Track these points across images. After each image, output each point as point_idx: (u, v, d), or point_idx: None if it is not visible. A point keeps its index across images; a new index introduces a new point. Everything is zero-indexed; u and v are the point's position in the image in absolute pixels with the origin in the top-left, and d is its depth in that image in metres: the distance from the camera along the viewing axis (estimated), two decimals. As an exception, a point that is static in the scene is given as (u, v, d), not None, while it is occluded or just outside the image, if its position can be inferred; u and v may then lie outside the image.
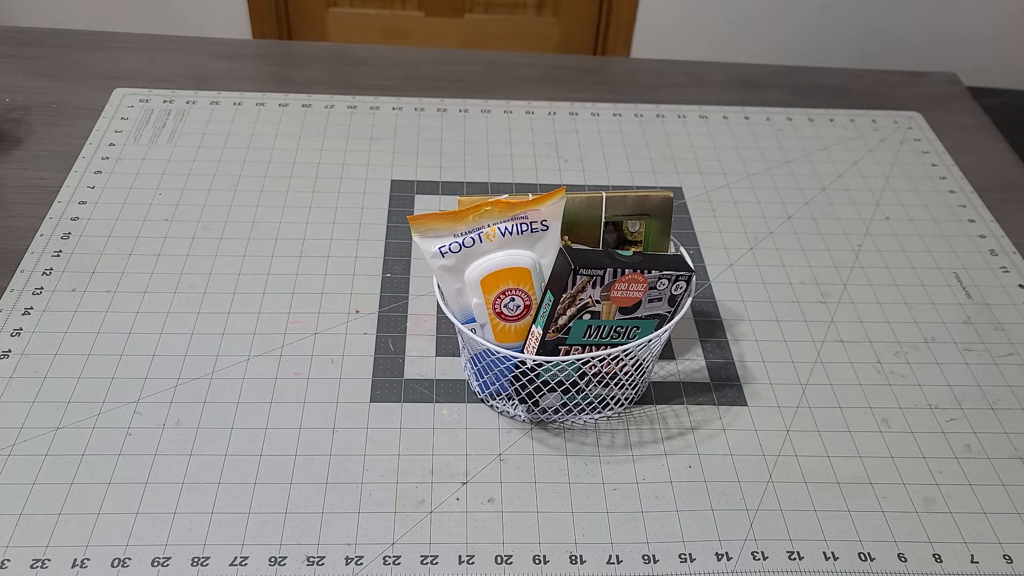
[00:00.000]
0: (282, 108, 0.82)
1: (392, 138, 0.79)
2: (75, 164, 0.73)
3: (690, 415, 0.57)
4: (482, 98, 0.85)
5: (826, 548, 0.50)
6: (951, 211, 0.76)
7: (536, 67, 0.92)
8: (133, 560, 0.47)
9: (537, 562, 0.48)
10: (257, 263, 0.65)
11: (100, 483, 0.50)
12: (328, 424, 0.55)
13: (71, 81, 0.83)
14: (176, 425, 0.54)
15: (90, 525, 0.48)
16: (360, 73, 0.88)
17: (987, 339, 0.64)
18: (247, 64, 0.89)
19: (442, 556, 0.48)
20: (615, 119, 0.84)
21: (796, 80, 0.92)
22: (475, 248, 0.51)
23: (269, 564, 0.47)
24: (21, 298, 0.61)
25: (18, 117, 0.78)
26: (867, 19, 1.88)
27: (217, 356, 0.58)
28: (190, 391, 0.56)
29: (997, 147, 0.85)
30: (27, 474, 0.51)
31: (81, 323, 0.60)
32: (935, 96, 0.91)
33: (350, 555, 0.48)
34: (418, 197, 0.73)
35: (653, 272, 0.49)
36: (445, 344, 0.60)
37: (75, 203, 0.70)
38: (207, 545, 0.48)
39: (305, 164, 0.75)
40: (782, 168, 0.80)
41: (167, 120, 0.79)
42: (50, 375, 0.56)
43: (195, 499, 0.50)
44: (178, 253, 0.66)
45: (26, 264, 0.64)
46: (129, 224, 0.68)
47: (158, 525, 0.49)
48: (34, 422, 0.53)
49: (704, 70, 0.93)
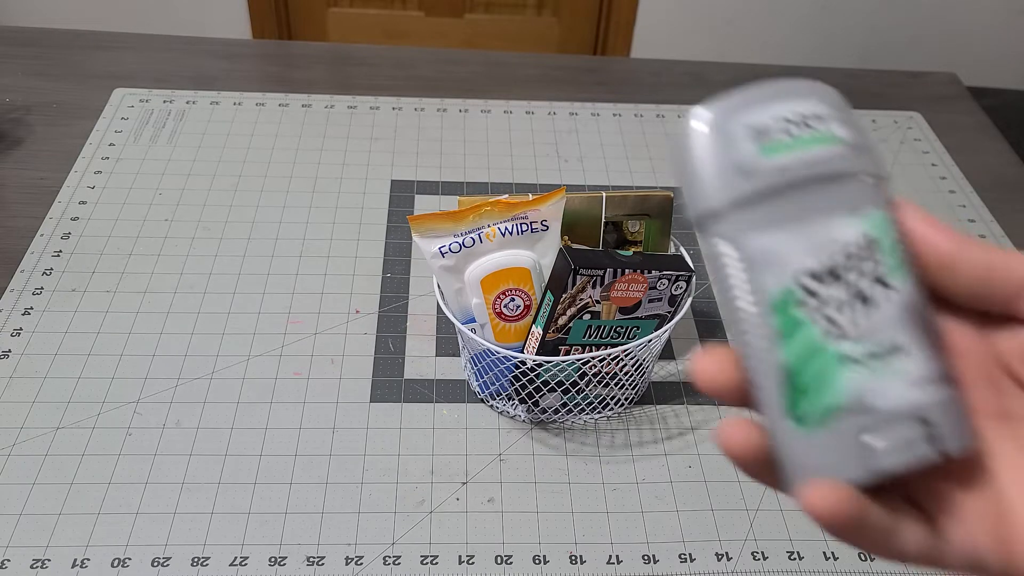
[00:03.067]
0: (282, 108, 0.82)
1: (392, 138, 0.79)
2: (75, 164, 0.73)
3: (690, 415, 0.57)
4: (482, 98, 0.85)
5: (826, 548, 0.50)
6: (951, 211, 0.76)
7: (536, 67, 0.92)
8: (133, 560, 0.47)
9: (537, 562, 0.48)
10: (257, 263, 0.65)
11: (100, 483, 0.50)
12: (328, 424, 0.55)
13: (71, 81, 0.83)
14: (176, 425, 0.54)
15: (90, 525, 0.48)
16: (360, 73, 0.88)
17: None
18: (247, 64, 0.89)
19: (442, 556, 0.48)
20: (615, 119, 0.84)
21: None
22: (475, 248, 0.51)
23: (269, 564, 0.47)
24: (21, 298, 0.61)
25: (18, 117, 0.78)
26: (867, 19, 1.88)
27: (217, 356, 0.58)
28: (190, 391, 0.56)
29: (997, 147, 0.85)
30: (27, 474, 0.51)
31: (81, 323, 0.60)
32: (935, 96, 0.91)
33: (350, 555, 0.48)
34: (418, 197, 0.73)
35: (653, 272, 0.49)
36: (445, 344, 0.60)
37: (75, 203, 0.70)
38: (207, 545, 0.48)
39: (305, 164, 0.75)
40: (782, 168, 0.79)
41: (167, 120, 0.79)
42: (50, 375, 0.56)
43: (195, 499, 0.50)
44: (178, 253, 0.66)
45: (26, 264, 0.64)
46: (129, 224, 0.68)
47: (158, 525, 0.49)
48: (34, 422, 0.53)
49: (704, 70, 0.93)
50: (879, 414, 0.21)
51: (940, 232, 0.22)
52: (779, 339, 0.21)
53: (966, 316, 0.23)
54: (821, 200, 0.21)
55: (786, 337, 0.21)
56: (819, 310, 0.21)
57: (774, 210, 0.21)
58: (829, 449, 0.21)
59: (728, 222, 0.21)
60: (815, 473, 0.21)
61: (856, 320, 0.21)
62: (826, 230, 0.21)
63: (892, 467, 0.21)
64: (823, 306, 0.21)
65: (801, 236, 0.21)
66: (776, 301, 0.21)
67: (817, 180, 0.21)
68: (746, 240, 0.21)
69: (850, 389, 0.21)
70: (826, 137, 0.22)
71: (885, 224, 0.22)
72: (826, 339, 0.21)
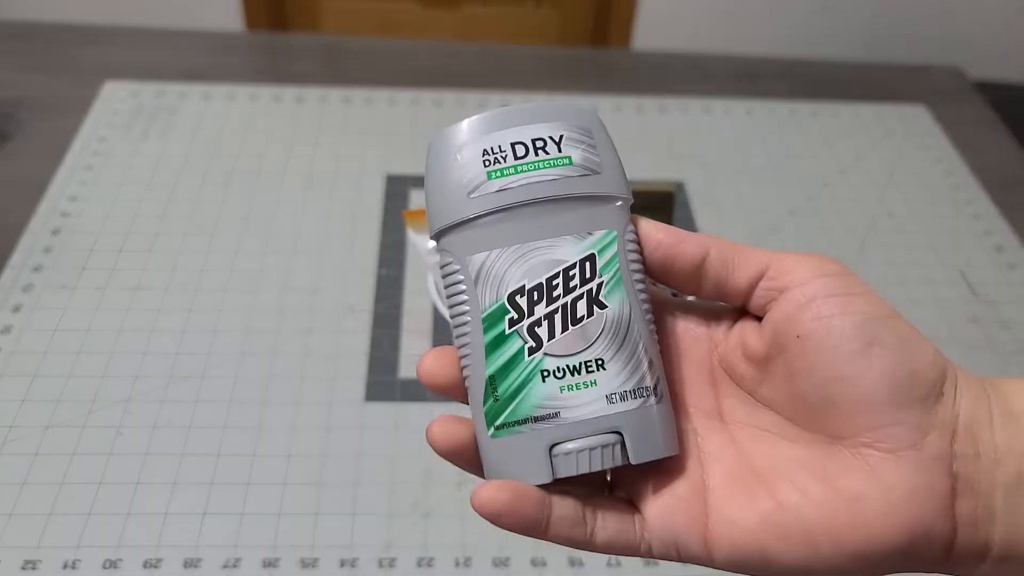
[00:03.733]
0: (275, 101, 0.80)
1: (387, 132, 0.78)
2: (65, 159, 0.72)
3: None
4: (479, 91, 0.84)
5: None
6: (956, 207, 0.75)
7: (535, 59, 0.90)
8: (124, 561, 0.46)
9: (535, 564, 0.48)
10: (249, 259, 0.64)
11: (91, 483, 0.50)
12: (322, 424, 0.54)
13: (61, 75, 0.82)
14: (167, 424, 0.53)
15: (81, 526, 0.48)
16: (355, 66, 0.87)
17: (993, 337, 0.63)
18: (240, 57, 0.88)
19: (438, 558, 0.48)
20: (616, 112, 0.83)
21: (799, 73, 0.91)
22: (472, 244, 0.50)
23: (262, 566, 0.47)
24: (11, 294, 0.60)
25: (8, 111, 0.77)
26: (871, 12, 1.87)
27: (209, 354, 0.57)
28: (182, 389, 0.55)
29: (1003, 142, 0.84)
30: (16, 474, 0.50)
31: (71, 320, 0.59)
32: (940, 90, 0.90)
33: (344, 557, 0.47)
34: (413, 192, 0.72)
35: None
36: (441, 342, 0.59)
37: (65, 198, 0.69)
38: (199, 547, 0.47)
39: (299, 158, 0.74)
40: (785, 163, 0.78)
41: (159, 114, 0.78)
42: (40, 373, 0.55)
43: (187, 500, 0.49)
44: (169, 249, 0.65)
45: (15, 260, 0.63)
46: (120, 220, 0.67)
47: (149, 526, 0.48)
48: (23, 421, 0.52)
49: (706, 63, 0.91)
50: (568, 424, 0.23)
51: (662, 230, 0.25)
52: (487, 350, 0.23)
53: (705, 317, 0.26)
54: (545, 221, 0.23)
55: (492, 349, 0.23)
56: (525, 326, 0.23)
57: (497, 230, 0.23)
58: (517, 454, 0.23)
59: (454, 238, 0.23)
60: (501, 475, 0.23)
61: (559, 336, 0.23)
62: (543, 251, 0.23)
63: (578, 471, 0.23)
64: (529, 322, 0.23)
65: (517, 256, 0.23)
66: (487, 315, 0.23)
67: (541, 202, 0.23)
68: (468, 256, 0.23)
69: (542, 400, 0.23)
70: (556, 160, 0.23)
71: (610, 243, 0.24)
72: (528, 353, 0.23)
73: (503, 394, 0.23)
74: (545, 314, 0.23)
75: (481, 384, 0.23)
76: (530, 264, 0.23)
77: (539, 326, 0.23)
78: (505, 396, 0.23)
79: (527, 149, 0.23)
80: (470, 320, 0.23)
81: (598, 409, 0.23)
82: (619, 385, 0.23)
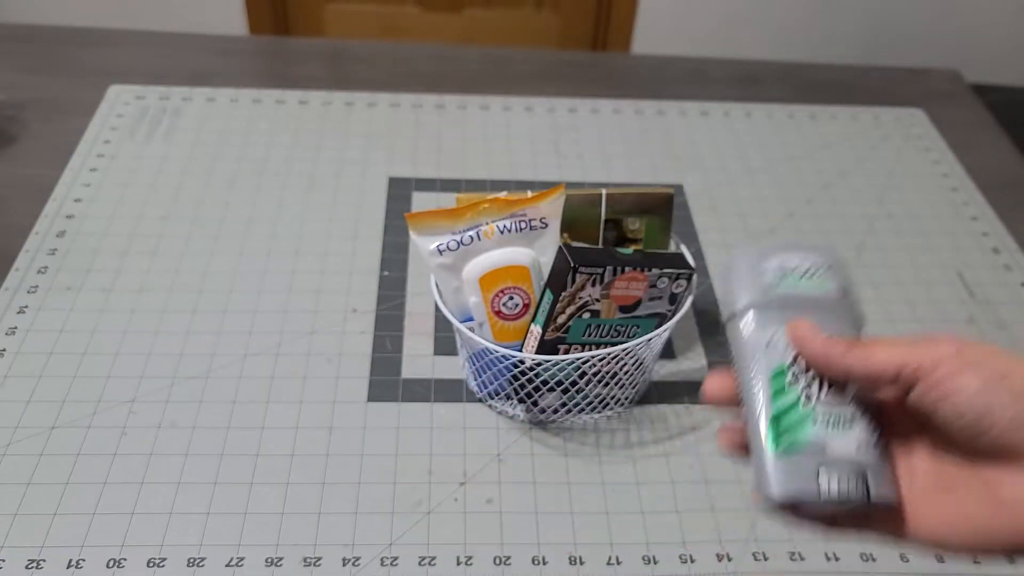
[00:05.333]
0: (279, 105, 0.81)
1: (390, 135, 0.79)
2: (70, 161, 0.73)
3: (691, 415, 0.56)
4: (481, 94, 0.85)
5: (827, 549, 0.50)
6: (954, 209, 0.75)
7: (535, 63, 0.91)
8: (128, 561, 0.47)
9: (536, 563, 0.48)
10: (253, 261, 0.65)
11: (95, 483, 0.50)
12: (325, 424, 0.54)
13: (66, 78, 0.83)
14: (172, 425, 0.53)
15: (85, 525, 0.48)
16: (357, 69, 0.88)
17: (990, 338, 0.63)
18: (243, 60, 0.88)
19: (440, 557, 0.48)
20: (615, 115, 0.83)
21: (798, 76, 0.92)
22: (473, 246, 0.51)
23: (265, 565, 0.47)
24: (16, 296, 0.61)
25: (13, 114, 0.78)
26: (870, 15, 1.87)
27: (213, 355, 0.58)
28: (186, 390, 0.55)
29: (1000, 144, 0.84)
30: (22, 474, 0.50)
31: (76, 321, 0.59)
32: (938, 93, 0.91)
33: (347, 556, 0.48)
34: (416, 194, 0.73)
35: (653, 270, 0.49)
36: (443, 343, 0.60)
37: (70, 200, 0.69)
38: (203, 546, 0.48)
39: (302, 161, 0.75)
40: (784, 165, 0.79)
41: (163, 117, 0.78)
42: (45, 374, 0.56)
43: (191, 499, 0.50)
44: (174, 251, 0.65)
45: (21, 262, 0.63)
46: (125, 222, 0.68)
47: (153, 526, 0.48)
48: (29, 421, 0.53)
49: (705, 66, 0.92)
50: (830, 456, 0.30)
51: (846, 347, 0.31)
52: (773, 394, 0.31)
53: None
54: (811, 317, 0.32)
55: (777, 394, 0.31)
56: (801, 384, 0.31)
57: (781, 315, 0.33)
58: (792, 470, 0.30)
59: (752, 315, 0.33)
60: (780, 485, 0.30)
61: (823, 396, 0.31)
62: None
63: (833, 494, 0.30)
64: (803, 382, 0.32)
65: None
66: (775, 371, 0.32)
67: (809, 305, 0.33)
68: (762, 329, 0.33)
69: (813, 436, 0.31)
70: (821, 283, 0.34)
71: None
72: (803, 402, 0.31)
73: (783, 426, 0.31)
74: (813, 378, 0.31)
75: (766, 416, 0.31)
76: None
77: (810, 386, 0.31)
78: (785, 427, 0.31)
79: (805, 271, 0.34)
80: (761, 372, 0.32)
81: (851, 452, 0.30)
82: (865, 440, 0.31)
